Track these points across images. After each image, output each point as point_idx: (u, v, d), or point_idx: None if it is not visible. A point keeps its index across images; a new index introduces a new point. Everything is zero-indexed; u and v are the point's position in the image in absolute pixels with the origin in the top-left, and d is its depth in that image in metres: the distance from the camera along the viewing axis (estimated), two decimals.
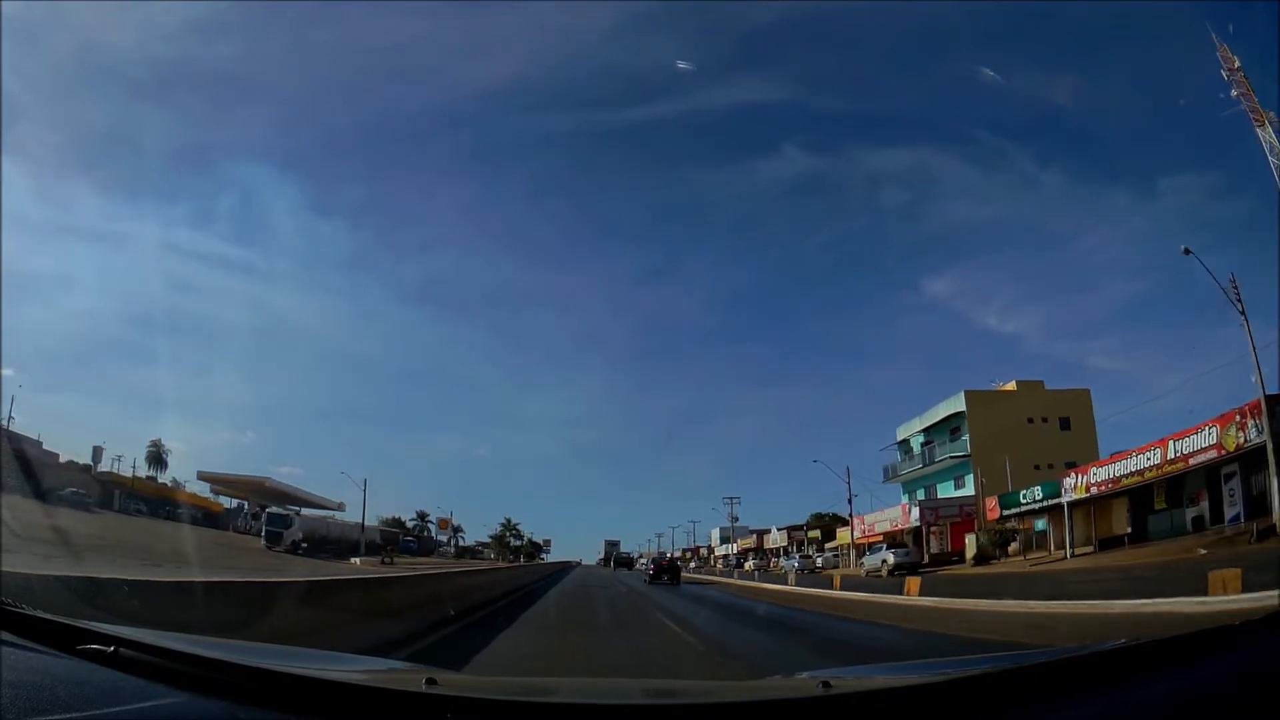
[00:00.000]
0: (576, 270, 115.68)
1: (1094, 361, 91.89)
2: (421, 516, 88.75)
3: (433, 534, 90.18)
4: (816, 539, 63.25)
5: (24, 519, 20.73)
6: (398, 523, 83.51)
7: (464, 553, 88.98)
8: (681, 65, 65.45)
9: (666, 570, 36.00)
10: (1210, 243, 71.78)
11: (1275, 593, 7.90)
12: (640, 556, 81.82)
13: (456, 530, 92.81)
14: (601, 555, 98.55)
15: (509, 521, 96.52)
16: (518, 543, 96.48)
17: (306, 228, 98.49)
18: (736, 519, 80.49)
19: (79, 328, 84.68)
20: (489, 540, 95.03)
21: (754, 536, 78.34)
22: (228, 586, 6.33)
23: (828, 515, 61.81)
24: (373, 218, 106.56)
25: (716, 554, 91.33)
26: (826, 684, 1.83)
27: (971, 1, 60.94)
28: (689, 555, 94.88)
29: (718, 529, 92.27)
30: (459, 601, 12.55)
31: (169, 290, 78.55)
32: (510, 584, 22.38)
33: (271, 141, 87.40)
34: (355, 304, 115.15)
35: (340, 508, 63.28)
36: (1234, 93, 28.89)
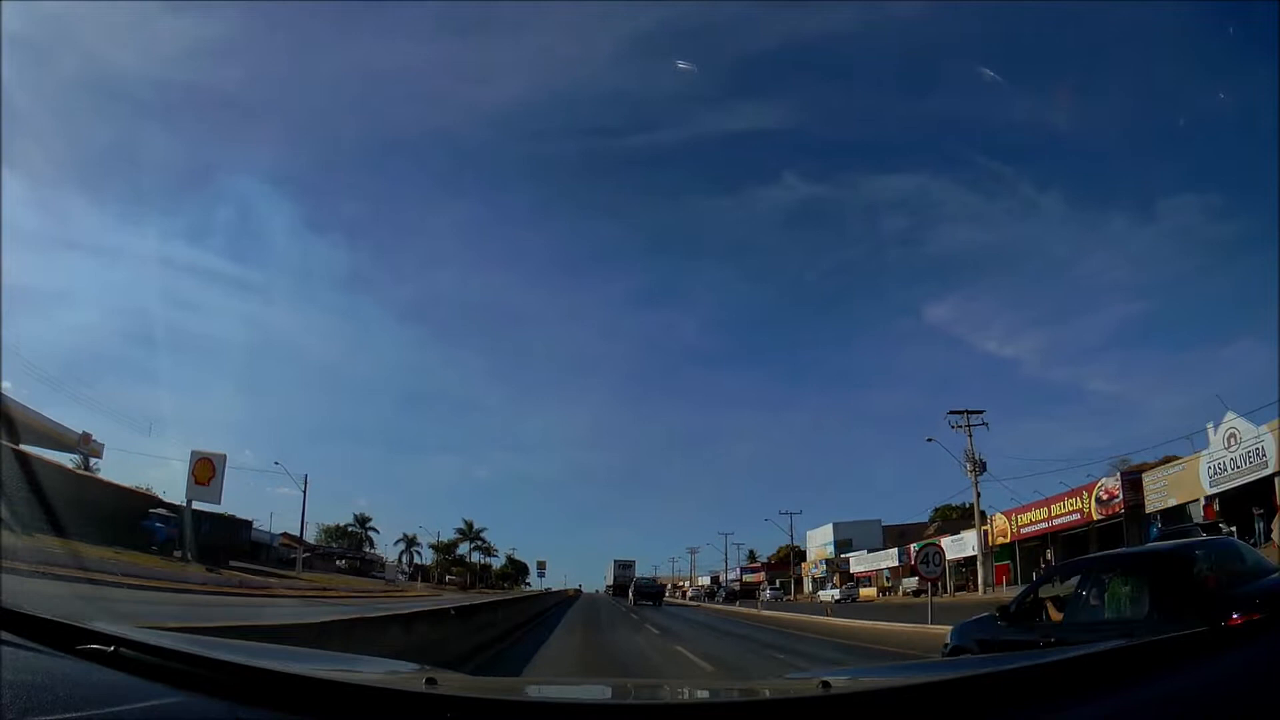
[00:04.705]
0: (577, 293, 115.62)
1: (1093, 385, 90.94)
2: (361, 521, 70.96)
3: (372, 542, 71.51)
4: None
5: None
6: (342, 531, 67.61)
7: (419, 572, 72.59)
8: (681, 65, 65.39)
9: None
10: (1210, 263, 71.26)
11: None
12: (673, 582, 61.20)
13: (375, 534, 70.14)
14: (610, 581, 69.70)
15: (470, 526, 73.16)
16: (487, 560, 74.53)
17: (305, 246, 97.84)
18: (983, 465, 37.86)
19: (74, 341, 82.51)
20: (456, 553, 73.34)
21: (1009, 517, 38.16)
22: None
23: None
24: (372, 238, 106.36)
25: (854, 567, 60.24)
26: (826, 684, 1.82)
27: (968, 29, 61.12)
28: (759, 579, 72.72)
29: (829, 525, 65.17)
30: None
31: (165, 305, 76.59)
32: None
33: (272, 161, 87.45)
34: (354, 323, 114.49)
35: (85, 446, 34.65)
36: None
